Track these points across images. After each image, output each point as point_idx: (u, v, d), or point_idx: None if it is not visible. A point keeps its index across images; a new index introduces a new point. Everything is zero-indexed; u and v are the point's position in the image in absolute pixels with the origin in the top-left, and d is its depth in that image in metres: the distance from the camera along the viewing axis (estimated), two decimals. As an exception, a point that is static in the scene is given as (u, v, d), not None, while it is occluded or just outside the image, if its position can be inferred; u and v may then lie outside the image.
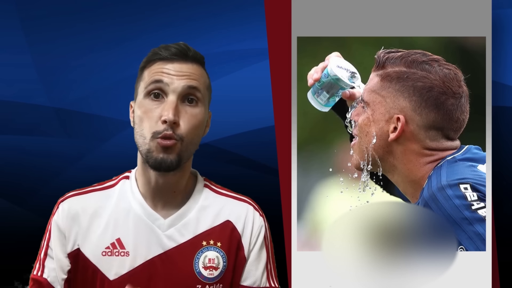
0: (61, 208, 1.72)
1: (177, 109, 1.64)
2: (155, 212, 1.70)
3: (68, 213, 1.70)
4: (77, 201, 1.72)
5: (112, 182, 1.77)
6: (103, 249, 1.68)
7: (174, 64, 1.68)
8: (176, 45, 1.70)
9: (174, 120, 1.63)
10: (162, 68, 1.68)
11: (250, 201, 1.78)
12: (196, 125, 1.67)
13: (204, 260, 1.69)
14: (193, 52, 1.70)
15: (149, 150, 1.65)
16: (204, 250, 1.69)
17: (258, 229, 1.74)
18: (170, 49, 1.69)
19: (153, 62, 1.70)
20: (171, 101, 1.64)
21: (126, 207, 1.71)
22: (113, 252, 1.68)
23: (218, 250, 1.70)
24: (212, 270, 1.69)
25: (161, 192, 1.70)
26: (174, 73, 1.67)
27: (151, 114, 1.65)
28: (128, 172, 1.77)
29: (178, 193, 1.72)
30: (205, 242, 1.70)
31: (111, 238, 1.69)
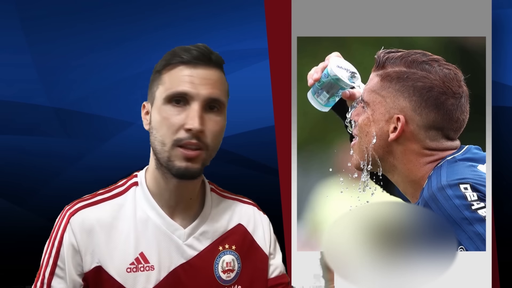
0: (73, 223, 1.60)
1: (202, 118, 1.59)
2: (174, 222, 1.65)
3: (83, 229, 1.60)
4: (90, 214, 1.62)
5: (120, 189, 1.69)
6: (128, 265, 1.61)
7: (198, 70, 1.61)
8: (197, 47, 1.63)
9: (201, 129, 1.58)
10: (184, 75, 1.60)
11: (252, 202, 1.81)
12: (220, 132, 1.64)
13: (222, 264, 1.69)
14: (216, 56, 1.64)
15: (170, 158, 1.60)
16: (221, 254, 1.70)
17: (268, 226, 1.78)
18: (192, 52, 1.61)
19: (174, 65, 1.62)
20: (196, 109, 1.59)
21: (143, 217, 1.64)
22: (138, 267, 1.62)
23: (233, 253, 1.71)
24: (230, 273, 1.70)
25: (180, 200, 1.66)
26: (198, 82, 1.60)
27: (173, 121, 1.59)
28: (135, 177, 1.70)
29: (194, 199, 1.69)
30: (221, 247, 1.70)
31: (135, 253, 1.62)
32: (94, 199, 1.65)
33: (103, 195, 1.67)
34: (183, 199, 1.66)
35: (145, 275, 1.62)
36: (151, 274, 1.62)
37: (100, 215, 1.62)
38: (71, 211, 1.62)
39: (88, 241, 1.59)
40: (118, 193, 1.67)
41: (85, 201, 1.64)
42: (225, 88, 1.67)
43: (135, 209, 1.65)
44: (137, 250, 1.62)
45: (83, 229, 1.60)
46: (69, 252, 1.59)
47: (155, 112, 1.63)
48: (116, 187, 1.69)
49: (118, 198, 1.66)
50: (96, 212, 1.62)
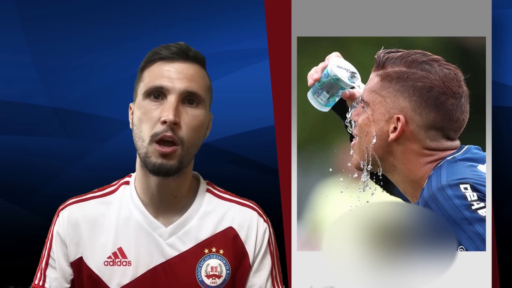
0: (61, 217, 1.69)
1: (177, 110, 1.61)
2: (156, 220, 1.67)
3: (69, 222, 1.68)
4: (77, 209, 1.69)
5: (112, 188, 1.73)
6: (105, 259, 1.66)
7: (175, 64, 1.65)
8: (177, 44, 1.67)
9: (175, 120, 1.59)
10: (162, 69, 1.64)
11: (254, 206, 1.76)
12: (197, 127, 1.64)
13: (206, 269, 1.66)
14: (194, 52, 1.68)
15: (147, 154, 1.62)
16: (206, 258, 1.67)
17: (262, 236, 1.71)
18: (171, 49, 1.66)
19: (153, 62, 1.67)
20: (171, 101, 1.61)
21: (127, 215, 1.68)
22: (115, 261, 1.66)
23: (220, 257, 1.67)
24: (215, 279, 1.66)
25: (162, 198, 1.67)
26: (174, 75, 1.63)
27: (150, 115, 1.62)
28: (128, 177, 1.74)
29: (179, 198, 1.68)
30: (207, 250, 1.67)
31: (113, 247, 1.66)
32: (85, 197, 1.72)
33: (94, 193, 1.73)
34: (166, 197, 1.67)
35: (121, 269, 1.65)
36: (127, 269, 1.65)
37: (86, 211, 1.69)
38: (62, 206, 1.71)
39: (73, 233, 1.67)
40: (109, 192, 1.73)
41: (77, 198, 1.72)
42: (205, 84, 1.68)
43: (120, 208, 1.69)
44: (116, 245, 1.66)
45: (69, 222, 1.67)
46: (57, 242, 1.67)
47: (136, 109, 1.67)
48: (109, 186, 1.74)
49: (108, 197, 1.72)
50: (82, 208, 1.69)
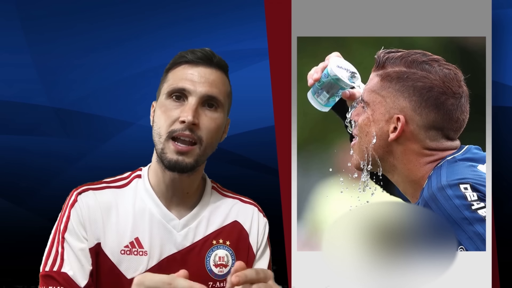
0: (80, 201, 1.71)
1: (196, 112, 1.69)
2: (170, 212, 1.74)
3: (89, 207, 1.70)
4: (94, 196, 1.72)
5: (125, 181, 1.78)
6: (122, 247, 1.70)
7: (199, 68, 1.73)
8: (202, 50, 1.75)
9: (193, 121, 1.67)
10: (186, 72, 1.72)
11: (254, 203, 1.87)
12: (215, 129, 1.72)
13: (214, 258, 1.75)
14: (218, 59, 1.75)
15: (163, 150, 1.69)
16: (214, 248, 1.76)
17: (263, 229, 1.84)
18: (196, 53, 1.74)
19: (179, 64, 1.75)
20: (192, 103, 1.69)
21: (142, 206, 1.74)
22: (132, 251, 1.71)
23: (227, 248, 1.77)
24: (222, 268, 1.75)
25: (175, 192, 1.74)
26: (197, 79, 1.71)
27: (170, 113, 1.70)
28: (139, 170, 1.80)
29: (190, 194, 1.77)
30: (215, 241, 1.77)
31: (130, 237, 1.71)
32: (99, 185, 1.76)
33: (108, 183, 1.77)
34: (179, 192, 1.75)
35: (137, 259, 1.70)
36: (143, 259, 1.70)
37: (103, 199, 1.72)
38: (79, 191, 1.73)
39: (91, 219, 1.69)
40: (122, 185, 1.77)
41: (91, 185, 1.75)
42: (226, 90, 1.76)
43: (135, 199, 1.74)
44: (133, 235, 1.71)
45: (89, 208, 1.70)
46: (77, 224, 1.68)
47: (157, 107, 1.74)
48: (121, 178, 1.79)
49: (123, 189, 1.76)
50: (99, 196, 1.73)
